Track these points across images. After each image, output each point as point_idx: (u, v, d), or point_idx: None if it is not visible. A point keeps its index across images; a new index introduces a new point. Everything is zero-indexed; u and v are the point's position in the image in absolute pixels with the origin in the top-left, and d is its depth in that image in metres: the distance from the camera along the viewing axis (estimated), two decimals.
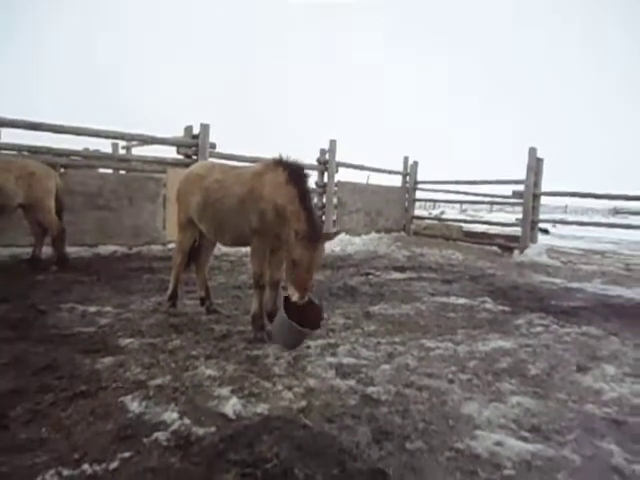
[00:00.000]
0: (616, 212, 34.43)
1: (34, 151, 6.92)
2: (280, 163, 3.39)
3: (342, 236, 10.01)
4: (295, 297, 3.01)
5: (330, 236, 3.32)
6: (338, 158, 10.44)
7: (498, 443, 2.16)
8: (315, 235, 3.03)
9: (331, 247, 9.04)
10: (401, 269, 7.21)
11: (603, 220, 22.42)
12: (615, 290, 6.46)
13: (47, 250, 5.98)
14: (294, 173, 3.29)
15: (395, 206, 12.16)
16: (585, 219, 24.21)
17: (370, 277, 6.37)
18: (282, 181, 3.26)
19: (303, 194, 3.19)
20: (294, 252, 3.02)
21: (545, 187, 10.16)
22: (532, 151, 9.71)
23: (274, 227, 3.32)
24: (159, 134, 8.30)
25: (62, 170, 7.02)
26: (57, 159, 7.18)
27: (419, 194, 12.77)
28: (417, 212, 14.13)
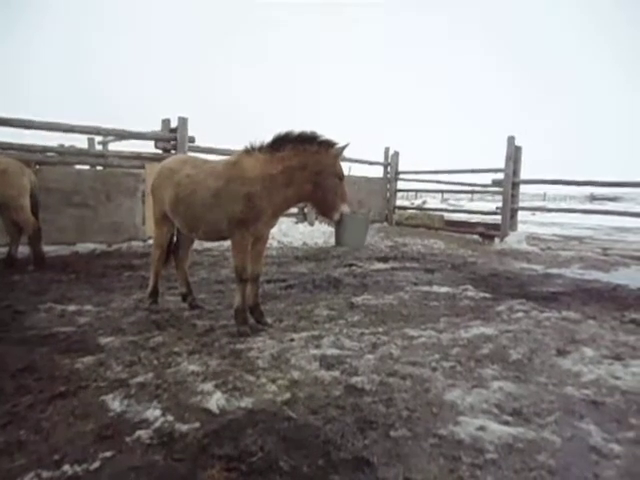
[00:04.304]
0: (593, 198, 35.16)
1: (6, 147, 6.74)
2: (254, 149, 3.49)
3: (325, 227, 10.01)
4: None
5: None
6: None
7: (481, 428, 2.19)
8: None
9: (314, 239, 9.04)
10: (384, 259, 7.25)
11: (581, 207, 22.88)
12: (593, 275, 6.61)
13: (23, 249, 5.85)
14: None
15: (377, 197, 12.20)
16: (564, 206, 24.68)
17: (353, 268, 6.38)
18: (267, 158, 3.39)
19: None
20: None
21: (524, 175, 10.29)
22: (511, 140, 9.82)
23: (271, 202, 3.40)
24: (136, 128, 8.16)
25: (36, 167, 6.85)
26: (31, 156, 7.01)
27: (401, 184, 12.83)
28: (399, 202, 14.20)
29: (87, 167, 8.91)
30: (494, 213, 11.00)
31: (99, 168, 8.84)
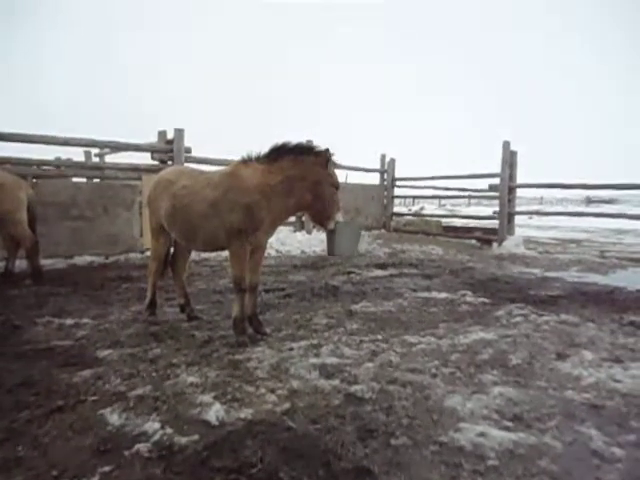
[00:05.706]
0: (589, 201, 35.30)
1: (3, 162, 6.75)
2: (251, 159, 3.54)
3: (322, 236, 10.02)
4: None
5: None
6: None
7: (481, 434, 2.18)
8: None
9: (312, 248, 9.04)
10: (382, 266, 7.25)
11: (578, 209, 22.97)
12: (591, 277, 6.62)
13: (21, 263, 5.83)
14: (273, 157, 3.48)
15: (374, 204, 12.23)
16: (560, 209, 24.77)
17: (352, 275, 6.38)
18: (264, 169, 3.43)
19: None
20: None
21: (520, 179, 10.34)
22: (506, 144, 9.87)
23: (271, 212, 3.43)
24: (132, 140, 8.18)
25: (33, 180, 6.86)
26: (27, 169, 7.02)
27: (397, 191, 12.86)
28: (397, 209, 14.22)
29: (84, 180, 8.93)
30: (491, 218, 11.03)
31: (96, 180, 8.86)
